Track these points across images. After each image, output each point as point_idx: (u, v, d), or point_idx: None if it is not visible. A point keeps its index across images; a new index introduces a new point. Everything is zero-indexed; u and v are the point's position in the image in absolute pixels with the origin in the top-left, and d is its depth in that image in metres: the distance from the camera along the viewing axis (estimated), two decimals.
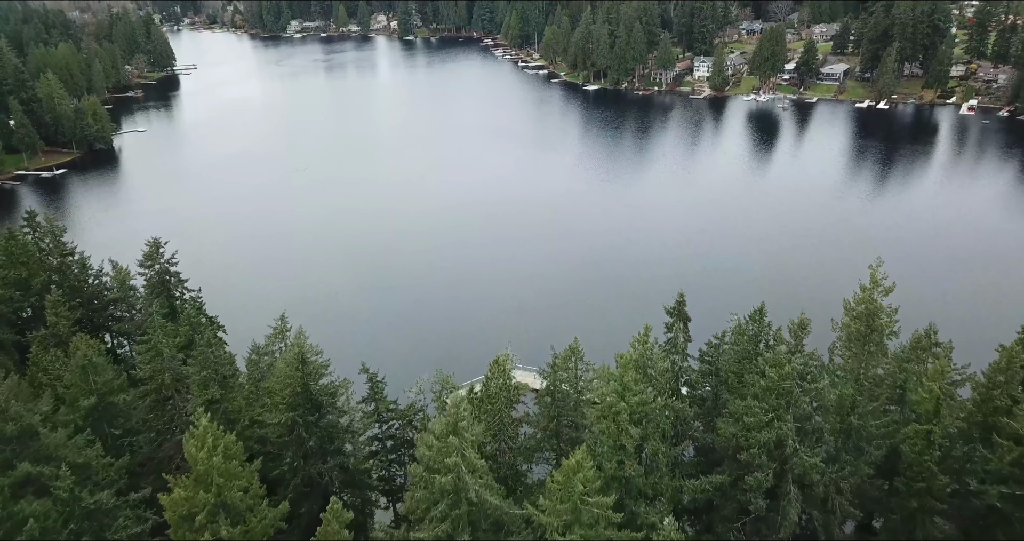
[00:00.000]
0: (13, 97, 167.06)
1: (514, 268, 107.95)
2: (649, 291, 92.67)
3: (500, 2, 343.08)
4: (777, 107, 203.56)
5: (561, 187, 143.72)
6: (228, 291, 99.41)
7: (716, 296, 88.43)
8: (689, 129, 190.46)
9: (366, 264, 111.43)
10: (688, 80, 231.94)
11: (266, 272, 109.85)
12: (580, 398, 40.81)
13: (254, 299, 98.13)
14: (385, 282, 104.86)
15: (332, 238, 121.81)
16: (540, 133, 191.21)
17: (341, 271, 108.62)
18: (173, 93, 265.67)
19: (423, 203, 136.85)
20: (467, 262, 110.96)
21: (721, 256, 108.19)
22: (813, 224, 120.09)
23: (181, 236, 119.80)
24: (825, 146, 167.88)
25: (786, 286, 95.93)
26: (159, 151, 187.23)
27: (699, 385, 42.54)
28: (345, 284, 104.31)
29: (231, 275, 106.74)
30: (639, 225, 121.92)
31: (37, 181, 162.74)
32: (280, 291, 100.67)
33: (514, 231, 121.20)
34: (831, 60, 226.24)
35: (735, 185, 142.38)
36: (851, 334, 44.62)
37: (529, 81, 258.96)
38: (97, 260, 77.37)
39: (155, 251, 57.72)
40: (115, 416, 42.43)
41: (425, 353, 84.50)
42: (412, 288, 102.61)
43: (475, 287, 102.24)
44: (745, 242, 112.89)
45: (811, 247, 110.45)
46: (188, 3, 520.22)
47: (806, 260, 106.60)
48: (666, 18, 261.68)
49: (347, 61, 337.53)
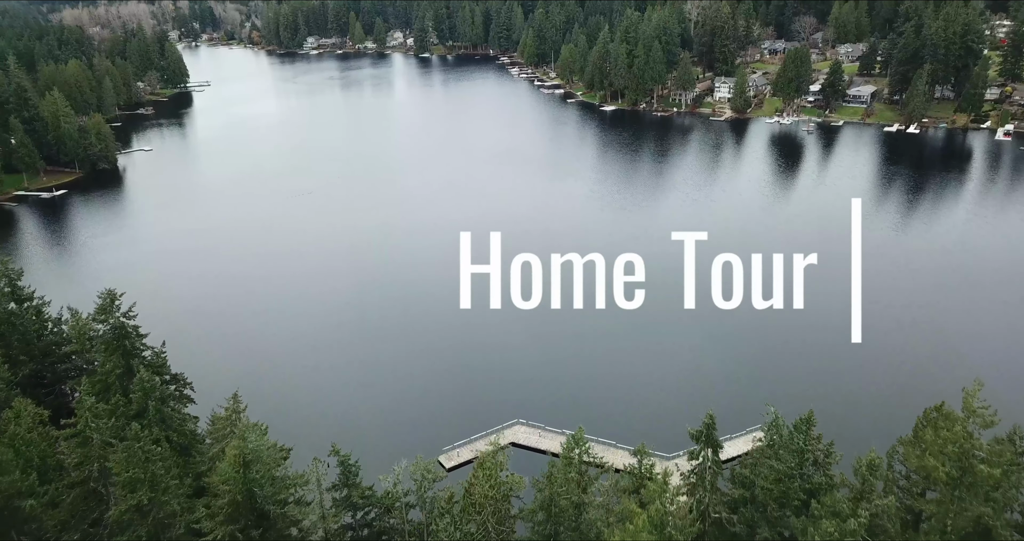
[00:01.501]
0: (14, 116, 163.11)
1: (519, 317, 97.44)
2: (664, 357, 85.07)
3: (517, 20, 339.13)
4: (802, 130, 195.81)
5: (576, 219, 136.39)
6: (205, 337, 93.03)
7: (737, 365, 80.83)
8: (710, 153, 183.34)
9: (360, 309, 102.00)
10: (708, 101, 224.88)
11: (249, 315, 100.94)
12: (585, 513, 33.60)
13: (231, 349, 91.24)
14: (376, 332, 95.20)
15: (328, 277, 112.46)
16: (555, 156, 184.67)
17: (331, 315, 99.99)
18: (184, 110, 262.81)
19: (427, 237, 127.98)
20: (472, 307, 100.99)
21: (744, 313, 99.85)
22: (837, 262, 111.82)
23: (167, 269, 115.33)
24: (853, 173, 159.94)
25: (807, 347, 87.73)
26: (163, 171, 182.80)
27: (730, 522, 34.44)
28: (332, 332, 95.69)
29: (210, 317, 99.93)
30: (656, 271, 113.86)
31: (36, 202, 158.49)
32: (260, 339, 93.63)
33: (518, 270, 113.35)
34: (857, 82, 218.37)
35: (757, 215, 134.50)
36: (934, 476, 35.18)
37: (545, 101, 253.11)
38: (74, 296, 71.51)
39: (109, 304, 51.38)
40: (23, 521, 35.88)
41: (415, 413, 77.45)
42: (404, 339, 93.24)
43: (477, 336, 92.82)
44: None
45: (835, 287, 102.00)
46: (207, 19, 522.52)
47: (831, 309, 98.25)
48: (686, 37, 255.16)
49: (362, 78, 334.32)
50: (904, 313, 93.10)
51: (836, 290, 62.64)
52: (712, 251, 57.39)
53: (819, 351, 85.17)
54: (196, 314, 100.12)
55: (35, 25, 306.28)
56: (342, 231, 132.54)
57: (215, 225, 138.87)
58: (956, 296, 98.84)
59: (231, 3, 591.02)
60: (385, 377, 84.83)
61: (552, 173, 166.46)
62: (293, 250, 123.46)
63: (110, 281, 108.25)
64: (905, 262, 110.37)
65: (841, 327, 57.03)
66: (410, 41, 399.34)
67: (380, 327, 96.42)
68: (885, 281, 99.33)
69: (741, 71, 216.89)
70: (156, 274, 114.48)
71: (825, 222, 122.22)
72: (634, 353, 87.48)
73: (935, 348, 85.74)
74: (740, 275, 55.92)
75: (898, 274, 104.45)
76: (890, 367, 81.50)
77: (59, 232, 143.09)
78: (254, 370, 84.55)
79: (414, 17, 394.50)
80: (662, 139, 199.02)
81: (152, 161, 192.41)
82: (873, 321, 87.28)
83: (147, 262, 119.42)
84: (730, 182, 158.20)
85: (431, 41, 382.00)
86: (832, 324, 74.39)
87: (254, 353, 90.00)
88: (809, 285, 57.87)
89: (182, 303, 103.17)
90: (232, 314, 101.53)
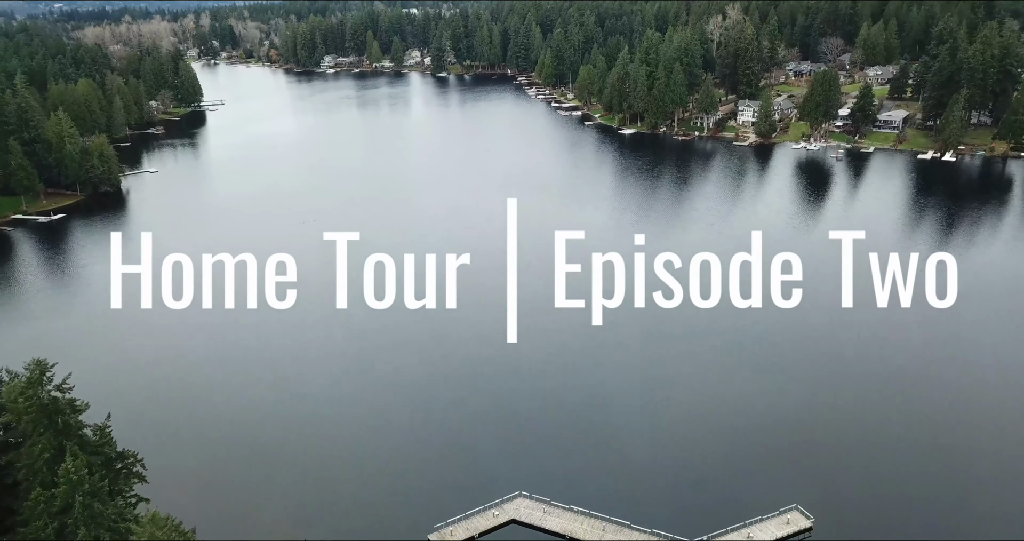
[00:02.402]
0: (14, 137, 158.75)
1: (512, 362, 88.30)
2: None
3: (536, 39, 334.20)
4: (830, 157, 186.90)
5: (593, 252, 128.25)
6: (169, 402, 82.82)
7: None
8: (734, 179, 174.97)
9: (350, 373, 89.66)
10: (731, 125, 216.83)
11: (230, 371, 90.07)
12: None
13: (198, 418, 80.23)
14: (364, 400, 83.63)
15: (316, 334, 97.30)
16: (571, 181, 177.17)
17: (322, 371, 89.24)
18: (195, 130, 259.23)
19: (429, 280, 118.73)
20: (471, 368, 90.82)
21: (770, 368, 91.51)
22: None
23: (144, 312, 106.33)
24: (886, 202, 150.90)
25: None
26: (165, 195, 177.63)
27: None
28: (322, 388, 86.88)
29: (181, 379, 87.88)
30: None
31: (34, 226, 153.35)
32: (239, 400, 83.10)
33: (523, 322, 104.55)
34: (888, 105, 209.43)
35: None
36: None
37: (562, 123, 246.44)
38: (57, 330, 64.24)
39: (38, 377, 44.23)
40: None
41: (401, 483, 69.37)
42: (389, 391, 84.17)
43: (478, 402, 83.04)
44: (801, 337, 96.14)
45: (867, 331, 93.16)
46: (227, 37, 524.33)
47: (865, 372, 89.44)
48: (708, 58, 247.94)
49: (378, 98, 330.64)
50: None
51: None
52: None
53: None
54: (178, 366, 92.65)
55: (52, 43, 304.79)
56: (353, 274, 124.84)
57: (204, 260, 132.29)
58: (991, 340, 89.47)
59: (252, 21, 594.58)
60: (373, 437, 76.91)
61: (569, 200, 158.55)
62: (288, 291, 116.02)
63: (94, 318, 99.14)
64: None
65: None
66: (427, 60, 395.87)
67: (363, 380, 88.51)
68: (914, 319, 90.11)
69: (766, 94, 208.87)
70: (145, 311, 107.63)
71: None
72: (659, 413, 79.20)
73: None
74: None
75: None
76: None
77: (52, 258, 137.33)
78: (223, 440, 75.75)
79: (432, 36, 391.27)
80: (683, 165, 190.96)
81: (156, 183, 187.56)
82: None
83: (124, 304, 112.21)
84: (756, 213, 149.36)
85: (448, 60, 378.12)
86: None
87: (223, 418, 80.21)
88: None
89: (156, 350, 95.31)
90: (209, 366, 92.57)
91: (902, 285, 57.92)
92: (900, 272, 58.19)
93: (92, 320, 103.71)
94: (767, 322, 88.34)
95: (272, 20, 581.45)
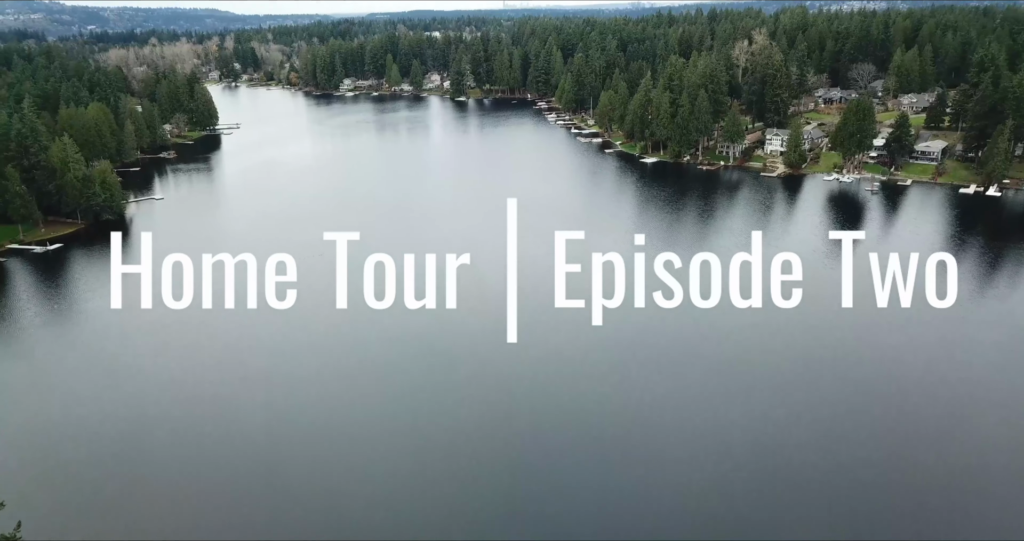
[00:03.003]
0: (12, 164, 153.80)
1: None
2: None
3: (556, 64, 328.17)
4: (864, 189, 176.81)
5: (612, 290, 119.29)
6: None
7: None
8: (762, 213, 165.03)
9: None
10: (759, 155, 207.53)
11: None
12: None
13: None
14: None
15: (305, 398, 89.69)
16: (590, 211, 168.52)
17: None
18: (207, 154, 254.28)
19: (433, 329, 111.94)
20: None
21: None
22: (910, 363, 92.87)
23: (136, 348, 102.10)
24: (932, 240, 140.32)
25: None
26: (168, 224, 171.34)
27: None
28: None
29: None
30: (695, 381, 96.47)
31: (29, 256, 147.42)
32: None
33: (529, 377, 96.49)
34: (924, 135, 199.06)
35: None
36: None
37: (581, 150, 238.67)
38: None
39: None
40: None
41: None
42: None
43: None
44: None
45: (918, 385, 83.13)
46: (248, 60, 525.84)
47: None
48: (734, 84, 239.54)
49: (396, 121, 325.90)
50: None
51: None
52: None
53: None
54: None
55: (73, 65, 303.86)
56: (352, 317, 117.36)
57: (205, 289, 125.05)
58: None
59: (275, 44, 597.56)
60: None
61: (587, 230, 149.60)
62: (276, 344, 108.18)
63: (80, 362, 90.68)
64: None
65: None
66: (447, 84, 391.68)
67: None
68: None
69: (796, 123, 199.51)
70: (119, 363, 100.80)
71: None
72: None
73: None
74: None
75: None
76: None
77: (44, 292, 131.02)
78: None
79: (451, 60, 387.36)
80: (708, 196, 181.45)
81: (161, 211, 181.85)
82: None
83: (116, 344, 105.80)
84: (786, 252, 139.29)
85: (468, 84, 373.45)
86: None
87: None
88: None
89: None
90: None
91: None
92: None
93: (74, 366, 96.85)
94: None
95: (295, 43, 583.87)
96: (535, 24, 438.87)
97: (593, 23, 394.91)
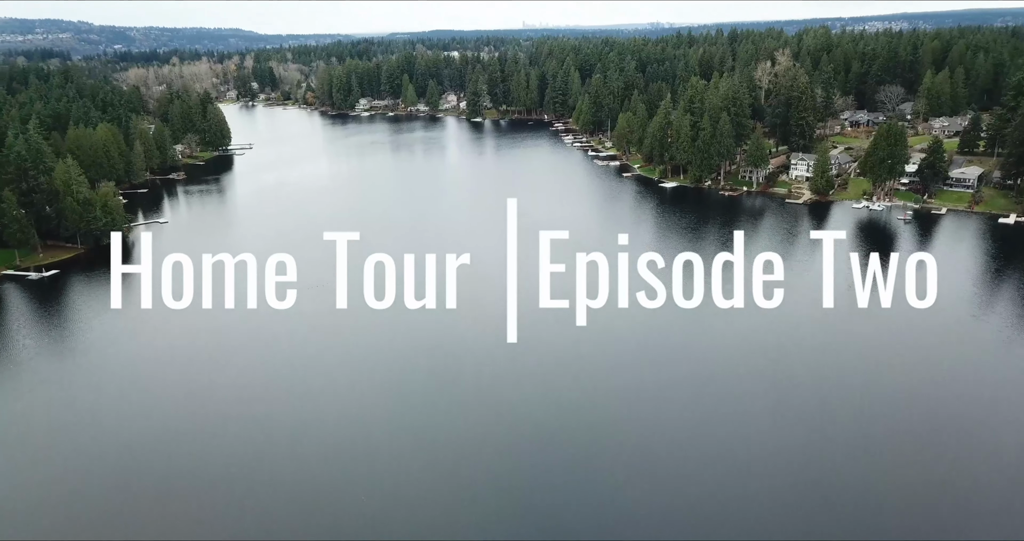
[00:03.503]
0: (11, 187, 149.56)
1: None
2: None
3: (574, 85, 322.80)
4: (896, 218, 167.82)
5: (630, 330, 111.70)
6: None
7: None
8: (789, 243, 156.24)
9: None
10: (783, 180, 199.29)
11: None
12: None
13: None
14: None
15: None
16: (608, 240, 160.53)
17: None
18: (217, 176, 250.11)
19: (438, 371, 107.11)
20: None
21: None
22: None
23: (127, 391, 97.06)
24: (966, 273, 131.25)
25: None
26: (168, 249, 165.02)
27: None
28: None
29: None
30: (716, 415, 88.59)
31: (23, 283, 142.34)
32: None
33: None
34: (959, 161, 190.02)
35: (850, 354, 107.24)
36: None
37: (599, 173, 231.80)
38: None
39: None
40: None
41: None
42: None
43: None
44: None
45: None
46: (266, 79, 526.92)
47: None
48: (756, 107, 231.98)
49: (411, 142, 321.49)
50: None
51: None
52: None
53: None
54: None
55: (90, 85, 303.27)
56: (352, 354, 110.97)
57: (201, 323, 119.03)
58: None
59: (294, 63, 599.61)
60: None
61: (603, 259, 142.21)
62: (264, 386, 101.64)
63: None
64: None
65: None
66: (463, 104, 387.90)
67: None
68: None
69: (823, 147, 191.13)
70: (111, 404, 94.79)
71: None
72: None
73: None
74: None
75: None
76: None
77: (37, 323, 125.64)
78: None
79: (468, 80, 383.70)
80: (731, 224, 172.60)
81: (163, 235, 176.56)
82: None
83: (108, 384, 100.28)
84: (816, 288, 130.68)
85: (484, 105, 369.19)
86: None
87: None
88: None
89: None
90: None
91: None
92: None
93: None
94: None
95: (313, 62, 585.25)
96: (553, 44, 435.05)
97: (612, 43, 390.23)
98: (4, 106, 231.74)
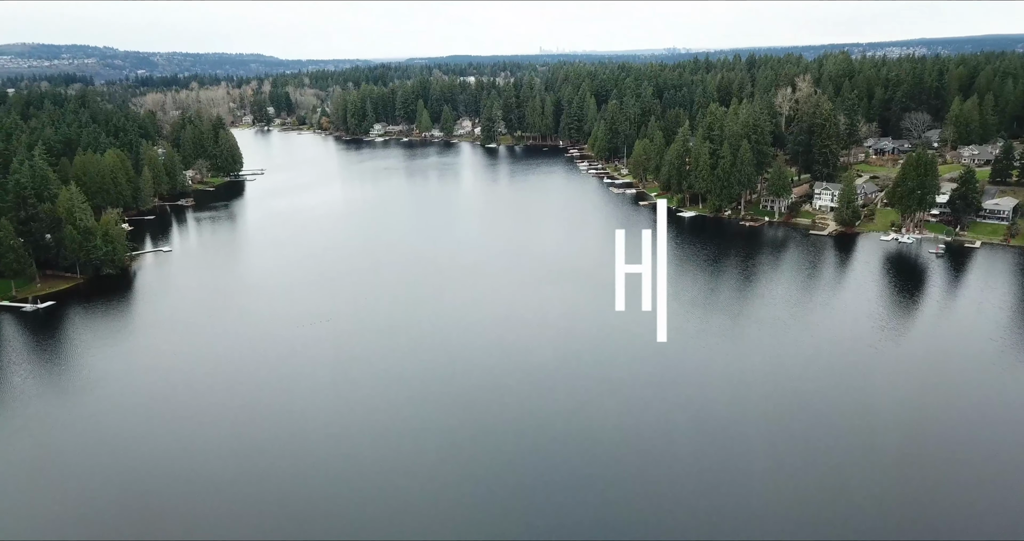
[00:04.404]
0: (10, 216, 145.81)
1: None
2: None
3: (590, 111, 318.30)
4: (927, 251, 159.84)
5: (647, 372, 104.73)
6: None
7: None
8: (812, 279, 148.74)
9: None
10: (807, 210, 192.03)
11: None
12: None
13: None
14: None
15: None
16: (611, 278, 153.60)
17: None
18: (226, 203, 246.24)
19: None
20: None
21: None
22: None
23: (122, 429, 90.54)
24: (1004, 312, 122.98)
25: None
26: (171, 280, 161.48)
27: None
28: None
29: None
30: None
31: (17, 315, 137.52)
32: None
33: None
34: (991, 191, 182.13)
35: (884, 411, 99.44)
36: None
37: (614, 201, 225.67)
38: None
39: None
40: None
41: None
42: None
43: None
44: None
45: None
46: (283, 104, 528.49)
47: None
48: (777, 134, 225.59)
49: (425, 168, 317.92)
50: None
51: None
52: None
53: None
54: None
55: (100, 110, 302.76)
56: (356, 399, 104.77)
57: (201, 361, 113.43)
58: None
59: (310, 89, 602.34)
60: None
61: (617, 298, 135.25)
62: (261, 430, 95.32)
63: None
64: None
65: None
66: (477, 130, 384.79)
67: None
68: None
69: (849, 176, 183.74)
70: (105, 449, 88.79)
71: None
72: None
73: None
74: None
75: None
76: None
77: (31, 357, 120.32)
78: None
79: (483, 106, 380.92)
80: (755, 257, 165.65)
81: (166, 265, 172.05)
82: None
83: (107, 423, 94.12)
84: (841, 327, 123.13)
85: (499, 131, 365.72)
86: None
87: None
88: None
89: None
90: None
91: None
92: None
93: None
94: None
95: (330, 87, 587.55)
96: (569, 70, 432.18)
97: (628, 69, 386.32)
98: (15, 132, 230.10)
